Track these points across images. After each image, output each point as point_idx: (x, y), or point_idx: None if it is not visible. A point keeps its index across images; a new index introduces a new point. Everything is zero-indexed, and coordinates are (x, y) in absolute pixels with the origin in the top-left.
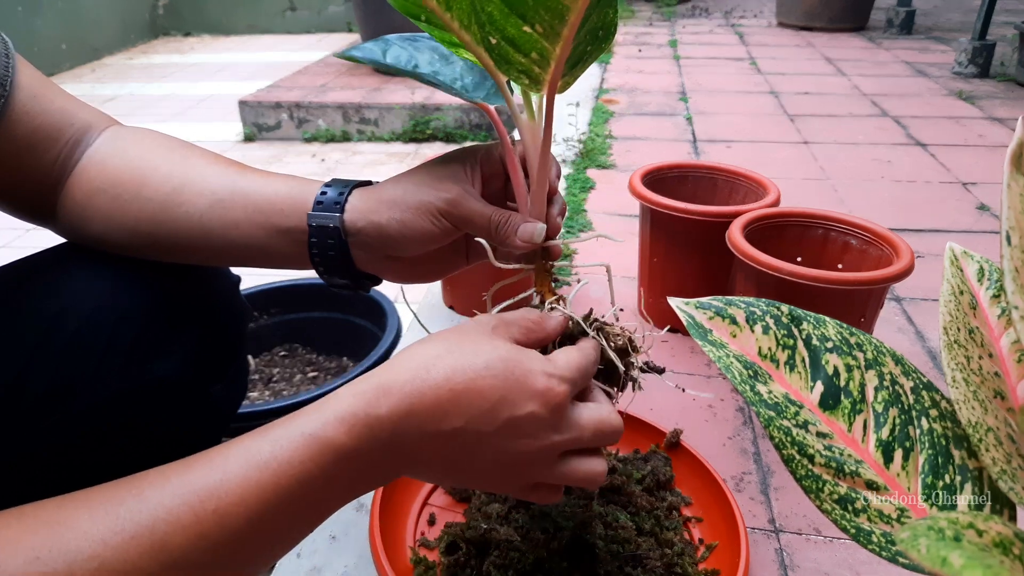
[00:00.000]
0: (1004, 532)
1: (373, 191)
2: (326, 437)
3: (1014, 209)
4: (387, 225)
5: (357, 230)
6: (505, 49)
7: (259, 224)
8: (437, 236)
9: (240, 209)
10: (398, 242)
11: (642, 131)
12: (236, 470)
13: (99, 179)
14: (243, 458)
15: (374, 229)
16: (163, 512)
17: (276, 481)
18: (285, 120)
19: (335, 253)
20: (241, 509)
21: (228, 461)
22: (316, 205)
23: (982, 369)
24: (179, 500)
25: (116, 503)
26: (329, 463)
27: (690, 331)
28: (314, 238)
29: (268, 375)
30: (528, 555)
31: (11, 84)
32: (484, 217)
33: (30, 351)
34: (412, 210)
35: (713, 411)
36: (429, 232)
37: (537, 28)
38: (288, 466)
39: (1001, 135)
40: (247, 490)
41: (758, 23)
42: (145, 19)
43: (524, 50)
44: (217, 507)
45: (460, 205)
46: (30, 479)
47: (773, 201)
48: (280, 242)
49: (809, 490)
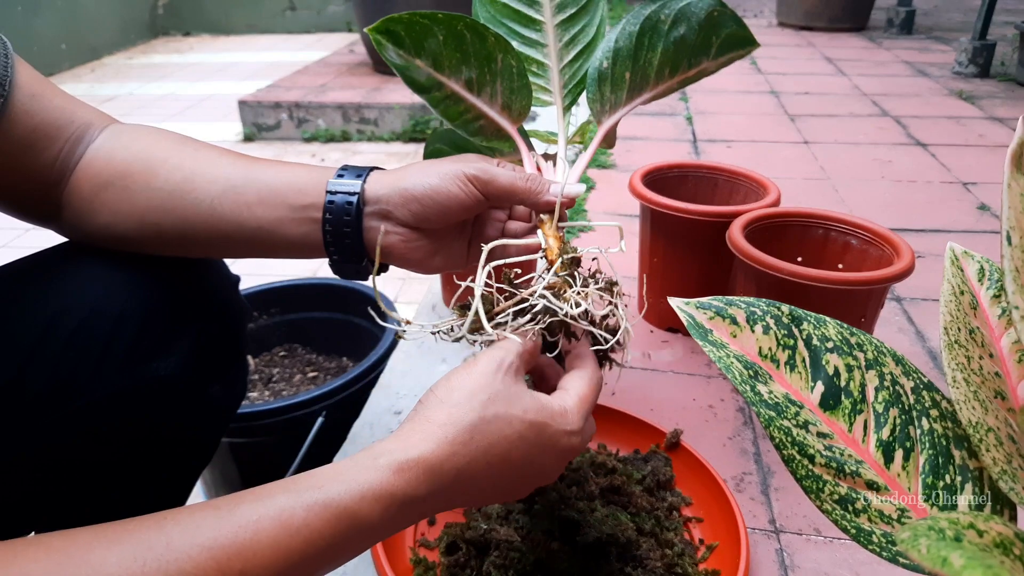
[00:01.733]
0: (1005, 532)
1: (395, 169)
2: (360, 514)
3: (1014, 209)
4: (413, 188)
5: (377, 197)
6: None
7: (273, 205)
8: (463, 202)
9: (254, 192)
10: (423, 206)
11: (642, 131)
12: (268, 531)
13: (107, 172)
14: (276, 520)
15: (399, 194)
16: (190, 565)
17: (304, 549)
18: (285, 120)
19: (349, 229)
20: (267, 573)
21: (261, 521)
22: (337, 177)
23: (983, 369)
24: (207, 555)
25: (145, 548)
26: (358, 535)
27: (690, 331)
28: (330, 207)
29: (268, 375)
30: (528, 555)
31: (10, 84)
32: (510, 175)
33: (29, 350)
34: (440, 174)
35: (713, 411)
36: (456, 197)
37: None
38: (319, 536)
39: (1001, 135)
40: (276, 554)
41: (758, 23)
42: (145, 19)
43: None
44: (243, 568)
45: (487, 170)
46: (30, 478)
47: (773, 201)
48: (293, 221)
49: (809, 490)
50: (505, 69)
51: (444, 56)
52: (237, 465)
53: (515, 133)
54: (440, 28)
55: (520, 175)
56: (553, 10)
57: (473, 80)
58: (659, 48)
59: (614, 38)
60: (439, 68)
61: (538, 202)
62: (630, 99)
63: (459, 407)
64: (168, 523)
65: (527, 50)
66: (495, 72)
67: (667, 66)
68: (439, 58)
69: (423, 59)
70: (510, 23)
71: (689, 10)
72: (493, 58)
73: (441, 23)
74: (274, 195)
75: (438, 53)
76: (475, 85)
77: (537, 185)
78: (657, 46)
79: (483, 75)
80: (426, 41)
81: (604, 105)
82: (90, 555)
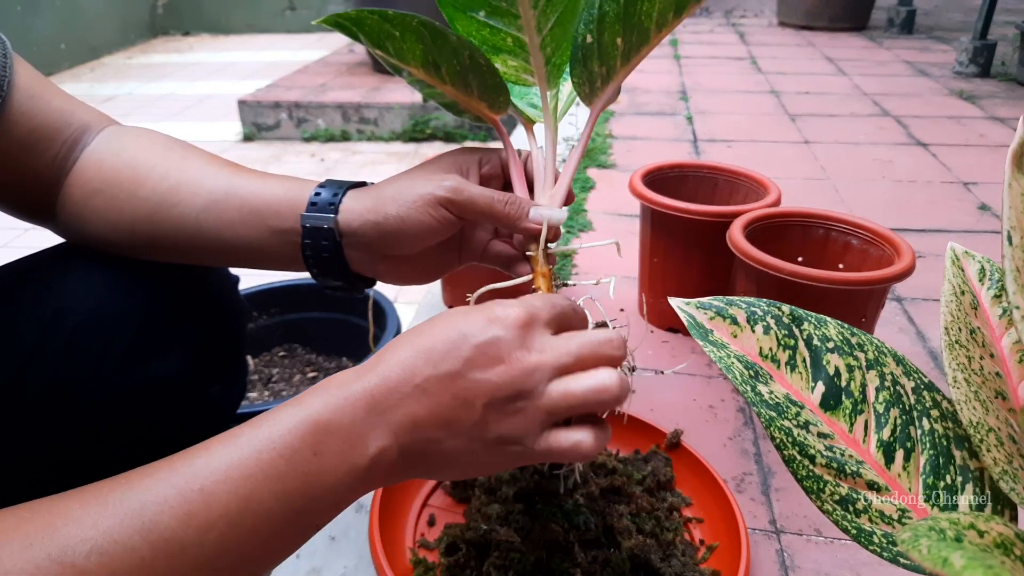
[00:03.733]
0: (1005, 533)
1: (369, 191)
2: (301, 408)
3: (1015, 209)
4: (384, 223)
5: (352, 231)
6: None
7: (253, 225)
8: (436, 229)
9: (235, 210)
10: (396, 239)
11: (642, 131)
12: (219, 451)
13: (96, 179)
14: (225, 440)
15: (371, 228)
16: (150, 496)
17: (258, 456)
18: (284, 120)
19: (329, 255)
20: (226, 486)
21: (211, 446)
22: (310, 207)
23: (983, 369)
24: (166, 484)
25: (106, 492)
26: (309, 434)
27: (691, 331)
28: (308, 239)
29: (267, 375)
30: (529, 556)
31: (9, 84)
32: (487, 198)
33: (29, 351)
34: (410, 204)
35: (714, 411)
36: (428, 226)
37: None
38: (268, 440)
39: (1002, 135)
40: (231, 466)
41: (759, 22)
42: (144, 18)
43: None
44: (203, 486)
45: (461, 191)
46: (29, 478)
47: (774, 201)
48: (274, 243)
49: (810, 491)
50: (474, 66)
51: (406, 50)
52: None
53: (497, 124)
54: (394, 27)
55: (499, 197)
56: None
57: (443, 71)
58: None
59: (597, 3)
60: (404, 60)
61: (517, 227)
62: (625, 63)
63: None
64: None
65: (497, 22)
66: (465, 66)
67: (671, 8)
68: (401, 52)
69: (383, 51)
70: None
71: None
72: (460, 55)
73: (393, 21)
74: (253, 216)
75: (399, 48)
76: (446, 77)
77: (516, 209)
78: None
79: (452, 67)
80: (383, 39)
81: (594, 83)
82: (53, 506)
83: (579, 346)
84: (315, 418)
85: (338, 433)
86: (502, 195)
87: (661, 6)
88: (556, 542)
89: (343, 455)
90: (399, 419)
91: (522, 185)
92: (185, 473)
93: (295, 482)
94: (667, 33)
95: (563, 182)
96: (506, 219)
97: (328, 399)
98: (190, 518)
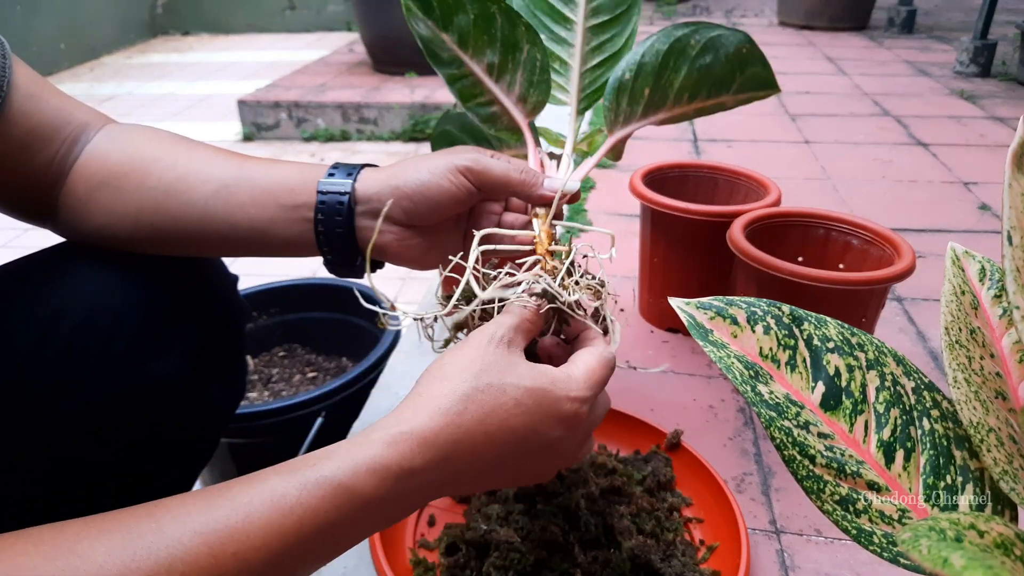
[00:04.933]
0: (1005, 533)
1: (387, 166)
2: (355, 488)
3: (1015, 209)
4: (404, 185)
5: (368, 197)
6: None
7: (265, 205)
8: (456, 196)
9: (247, 192)
10: (415, 203)
11: (642, 131)
12: (261, 512)
13: (102, 173)
14: (268, 501)
15: (390, 192)
16: (181, 551)
17: (299, 528)
18: (284, 119)
19: (342, 230)
20: (262, 554)
21: (252, 503)
22: (327, 176)
23: (983, 369)
24: (199, 540)
25: (135, 536)
26: (355, 512)
27: (691, 331)
28: (322, 207)
29: (267, 375)
30: (528, 556)
31: (7, 84)
32: (504, 166)
33: (28, 350)
34: (431, 170)
35: (714, 412)
36: (448, 191)
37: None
38: (313, 514)
39: (1002, 135)
40: (270, 536)
41: (759, 22)
42: (144, 18)
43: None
44: (237, 551)
45: (480, 160)
46: (28, 478)
47: (774, 201)
48: (285, 222)
49: (810, 491)
50: (529, 60)
51: (471, 35)
52: (236, 465)
53: (526, 127)
54: (473, 5)
55: (515, 166)
56: (587, 13)
57: (495, 65)
58: (683, 71)
59: (641, 52)
60: (464, 46)
61: (532, 194)
62: (645, 115)
63: (451, 379)
64: (159, 511)
65: (553, 46)
66: (518, 61)
67: (687, 91)
68: (465, 36)
69: (449, 33)
70: (542, 16)
71: (719, 41)
72: (519, 47)
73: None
74: (265, 195)
75: (466, 31)
76: (495, 70)
77: (532, 177)
78: (681, 69)
79: (505, 62)
80: (456, 16)
81: (619, 116)
82: (78, 545)
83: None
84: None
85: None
86: (519, 163)
87: (681, 83)
88: (556, 542)
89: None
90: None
91: (538, 167)
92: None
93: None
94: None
95: (583, 168)
96: (522, 186)
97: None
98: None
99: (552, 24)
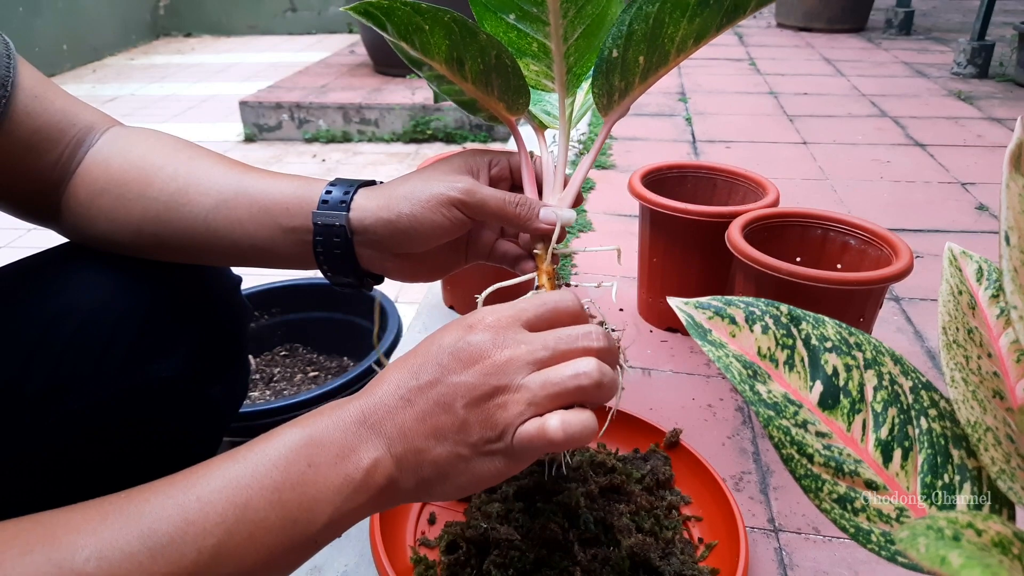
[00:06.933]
0: (1003, 531)
1: (381, 189)
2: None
3: (1013, 209)
4: (397, 221)
5: (364, 228)
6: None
7: (264, 224)
8: (448, 229)
9: (245, 209)
10: (408, 237)
11: (642, 131)
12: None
13: (103, 179)
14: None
15: (383, 226)
16: (149, 506)
17: (254, 468)
18: (286, 120)
19: (340, 252)
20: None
21: (210, 464)
22: (321, 204)
23: (981, 369)
24: (164, 495)
25: (106, 504)
26: (303, 447)
27: (689, 331)
28: (319, 237)
29: (269, 375)
30: (528, 554)
31: (12, 85)
32: (499, 200)
33: (30, 350)
34: (423, 204)
35: (712, 411)
36: (440, 225)
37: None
38: (264, 455)
39: (1000, 135)
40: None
41: (757, 24)
42: (146, 19)
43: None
44: (199, 495)
45: (474, 193)
46: (29, 478)
47: (772, 201)
48: (285, 241)
49: (808, 489)
50: (500, 66)
51: (432, 44)
52: None
53: (513, 126)
54: (424, 19)
55: (510, 199)
56: None
57: (466, 68)
58: (683, 24)
59: (627, 21)
60: (428, 54)
61: (528, 228)
62: (643, 80)
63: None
64: (126, 492)
65: (525, 27)
66: (490, 65)
67: (692, 36)
68: (427, 46)
69: (409, 44)
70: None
71: None
72: (487, 53)
73: (424, 14)
74: (263, 213)
75: (425, 41)
76: (468, 74)
77: (527, 211)
78: (681, 22)
79: (476, 64)
80: (411, 31)
81: (612, 96)
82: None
83: (556, 339)
84: (309, 433)
85: (331, 446)
86: (513, 196)
87: (684, 32)
88: (556, 540)
89: (336, 466)
90: (389, 430)
91: (533, 187)
92: (182, 485)
93: (290, 492)
94: (684, 58)
95: (573, 185)
96: (517, 220)
97: (322, 418)
98: (188, 525)
99: (521, 2)
